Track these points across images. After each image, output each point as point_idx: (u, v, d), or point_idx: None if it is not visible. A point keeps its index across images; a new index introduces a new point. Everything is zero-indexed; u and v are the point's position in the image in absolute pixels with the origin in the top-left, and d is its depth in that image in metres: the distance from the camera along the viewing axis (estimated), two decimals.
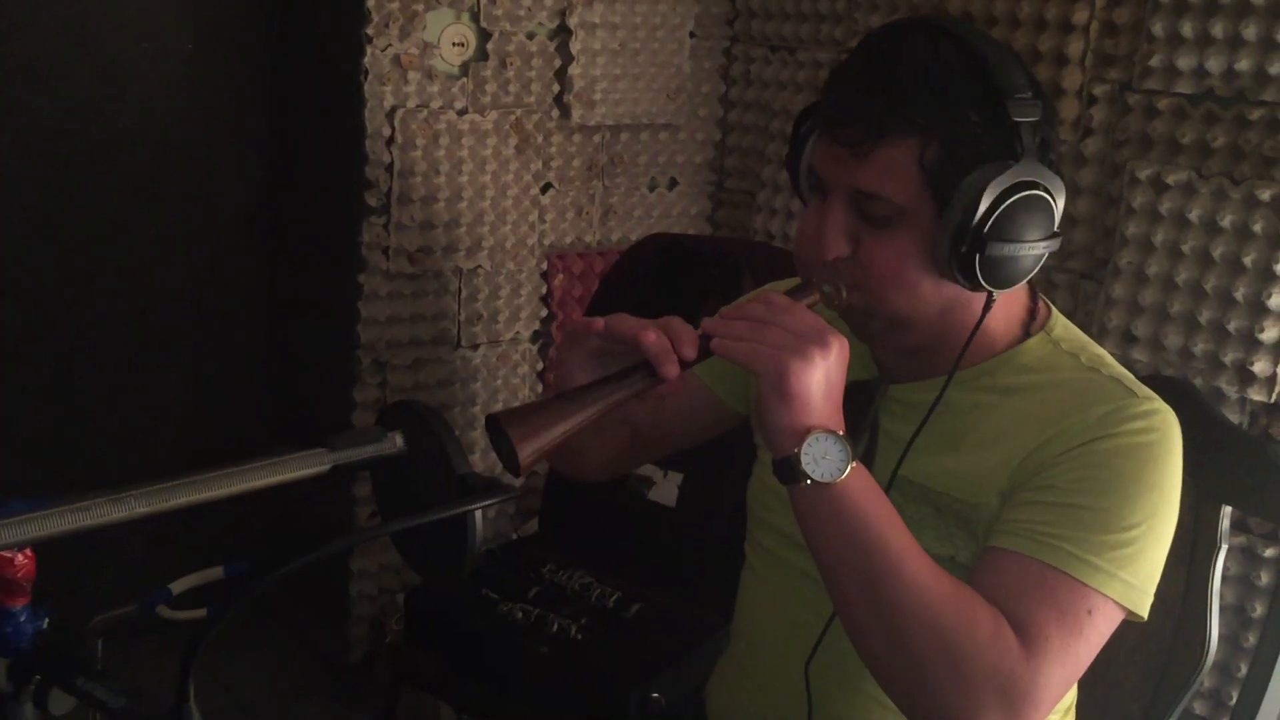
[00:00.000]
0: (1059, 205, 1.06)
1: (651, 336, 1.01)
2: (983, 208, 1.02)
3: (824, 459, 1.00)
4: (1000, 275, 1.05)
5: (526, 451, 0.94)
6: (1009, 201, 1.02)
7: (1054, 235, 1.06)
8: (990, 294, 1.08)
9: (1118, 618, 1.05)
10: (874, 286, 1.08)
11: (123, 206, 2.35)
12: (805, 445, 0.99)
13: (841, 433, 1.01)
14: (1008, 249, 1.03)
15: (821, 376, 1.01)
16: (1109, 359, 1.16)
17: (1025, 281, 1.17)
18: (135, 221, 2.37)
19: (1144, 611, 1.06)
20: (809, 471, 1.00)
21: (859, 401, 1.17)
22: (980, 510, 1.10)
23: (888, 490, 1.09)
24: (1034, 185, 1.03)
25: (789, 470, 1.01)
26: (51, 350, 2.34)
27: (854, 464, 1.00)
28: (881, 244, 1.07)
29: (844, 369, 1.03)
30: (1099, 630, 1.04)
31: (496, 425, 0.96)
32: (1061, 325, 1.18)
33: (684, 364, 1.03)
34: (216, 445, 2.52)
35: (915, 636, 0.99)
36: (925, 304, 1.09)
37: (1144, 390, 1.11)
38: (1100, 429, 1.07)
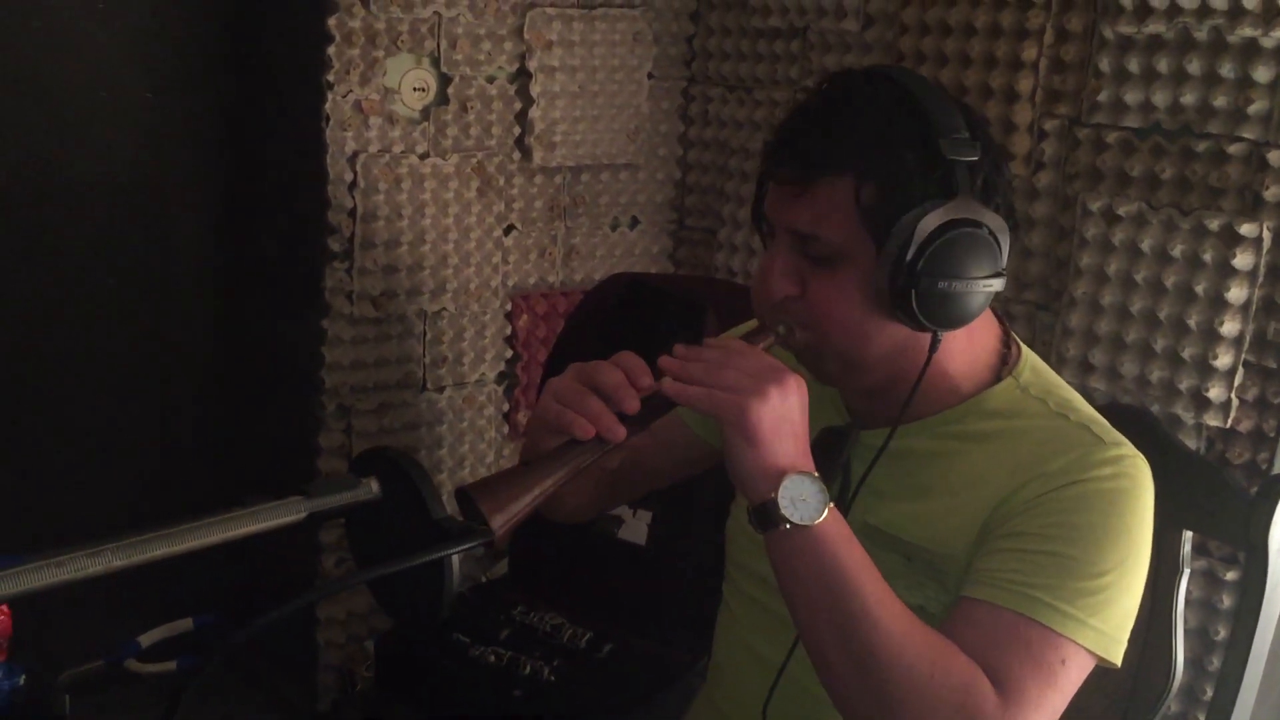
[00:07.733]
0: (1003, 244, 1.06)
1: (582, 426, 1.01)
2: (916, 244, 1.02)
3: (801, 501, 0.99)
4: (941, 313, 1.05)
5: (498, 523, 0.96)
6: (943, 238, 1.03)
7: (998, 274, 1.06)
8: (935, 334, 1.08)
9: (1089, 665, 1.05)
10: (822, 326, 1.09)
11: (81, 257, 2.34)
12: (782, 488, 0.99)
13: (815, 474, 1.01)
14: (944, 285, 1.03)
15: (783, 415, 1.00)
16: (1079, 403, 1.15)
17: (998, 325, 1.18)
18: (94, 272, 2.35)
19: (1117, 659, 1.06)
20: (787, 515, 0.99)
21: (831, 447, 1.17)
22: (950, 560, 1.10)
23: (858, 538, 1.10)
24: (969, 223, 1.03)
25: (766, 516, 1.00)
26: (9, 404, 2.31)
27: (830, 505, 1.00)
28: (825, 284, 1.08)
29: (805, 408, 1.03)
30: (1071, 679, 1.04)
31: (467, 497, 0.97)
32: (1030, 369, 1.17)
33: (632, 420, 1.02)
34: (181, 495, 2.49)
35: (891, 683, 0.98)
36: (873, 344, 1.09)
37: (1113, 436, 1.11)
38: (1067, 475, 1.07)
